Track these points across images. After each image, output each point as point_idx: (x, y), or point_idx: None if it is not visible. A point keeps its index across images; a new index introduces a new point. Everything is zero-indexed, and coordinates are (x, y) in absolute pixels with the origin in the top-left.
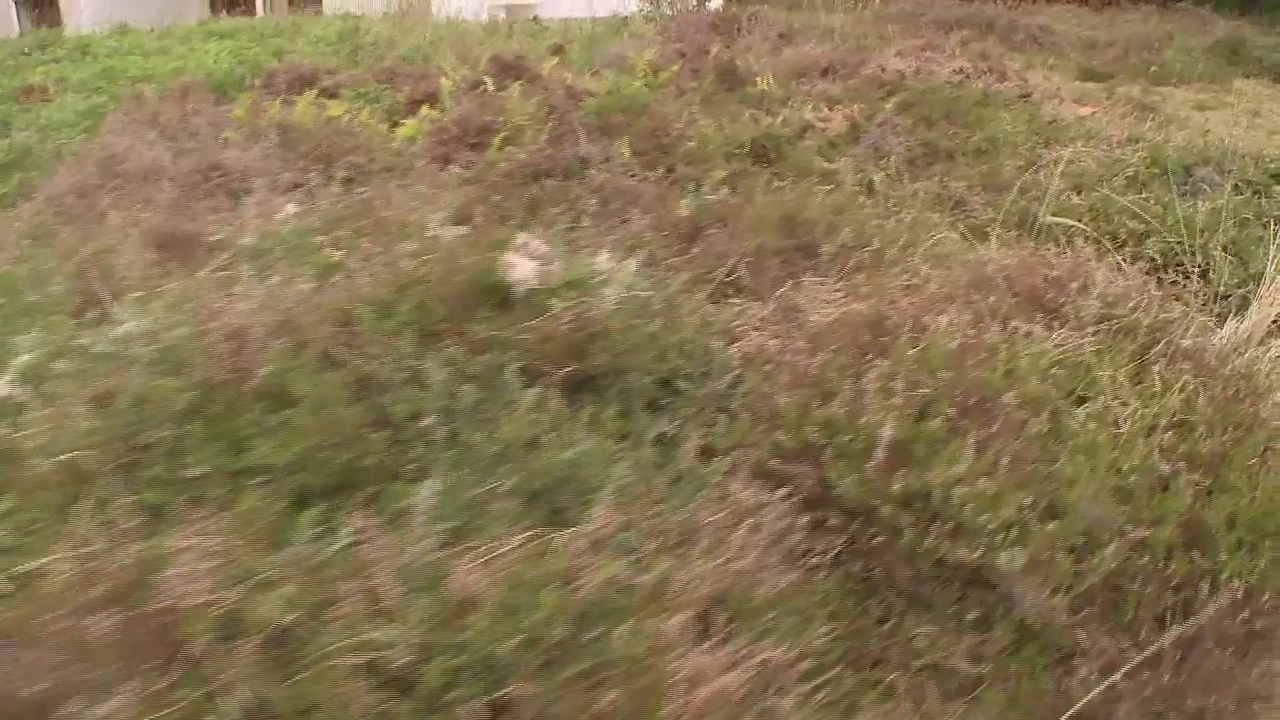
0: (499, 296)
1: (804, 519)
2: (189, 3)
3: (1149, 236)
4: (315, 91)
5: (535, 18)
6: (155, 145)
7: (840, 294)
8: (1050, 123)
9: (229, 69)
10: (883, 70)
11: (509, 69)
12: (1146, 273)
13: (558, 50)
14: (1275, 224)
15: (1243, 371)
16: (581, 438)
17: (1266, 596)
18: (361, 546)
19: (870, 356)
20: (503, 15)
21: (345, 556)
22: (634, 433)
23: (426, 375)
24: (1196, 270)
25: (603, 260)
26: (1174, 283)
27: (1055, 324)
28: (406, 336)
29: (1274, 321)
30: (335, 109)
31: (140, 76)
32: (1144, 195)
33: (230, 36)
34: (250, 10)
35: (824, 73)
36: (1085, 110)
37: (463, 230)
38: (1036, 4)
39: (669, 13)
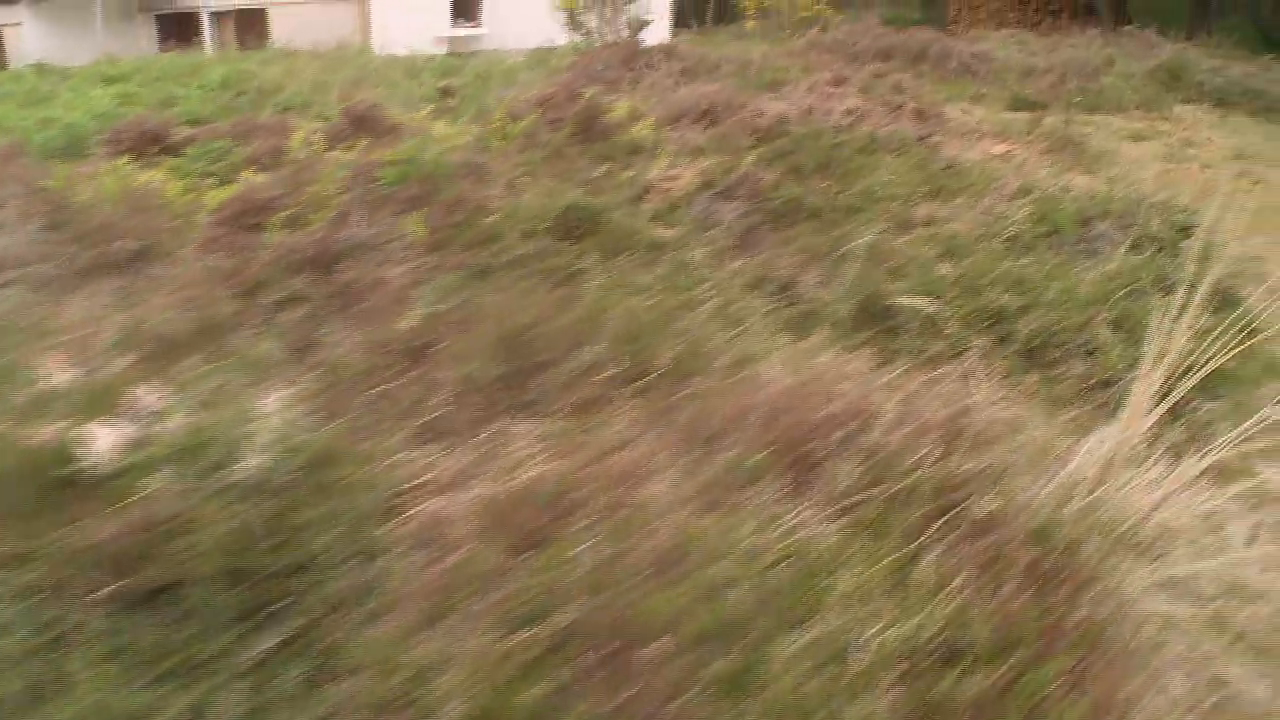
0: (61, 481)
1: None
2: (138, 37)
3: (1026, 312)
4: (132, 157)
5: (453, 53)
6: None
7: (546, 444)
8: (947, 168)
9: (83, 123)
10: (758, 115)
11: (362, 122)
12: (1024, 353)
13: (446, 93)
14: (1181, 290)
15: (1072, 536)
16: (114, 682)
17: None
18: None
19: (527, 554)
20: (445, 48)
21: None
22: (216, 658)
23: None
24: (1080, 352)
25: (271, 402)
26: (1052, 365)
27: (809, 490)
28: None
29: (1151, 430)
30: (152, 176)
31: (3, 129)
32: (1026, 260)
33: (124, 80)
34: (198, 44)
35: (702, 116)
36: (1000, 148)
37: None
38: (983, 29)
39: (598, 44)
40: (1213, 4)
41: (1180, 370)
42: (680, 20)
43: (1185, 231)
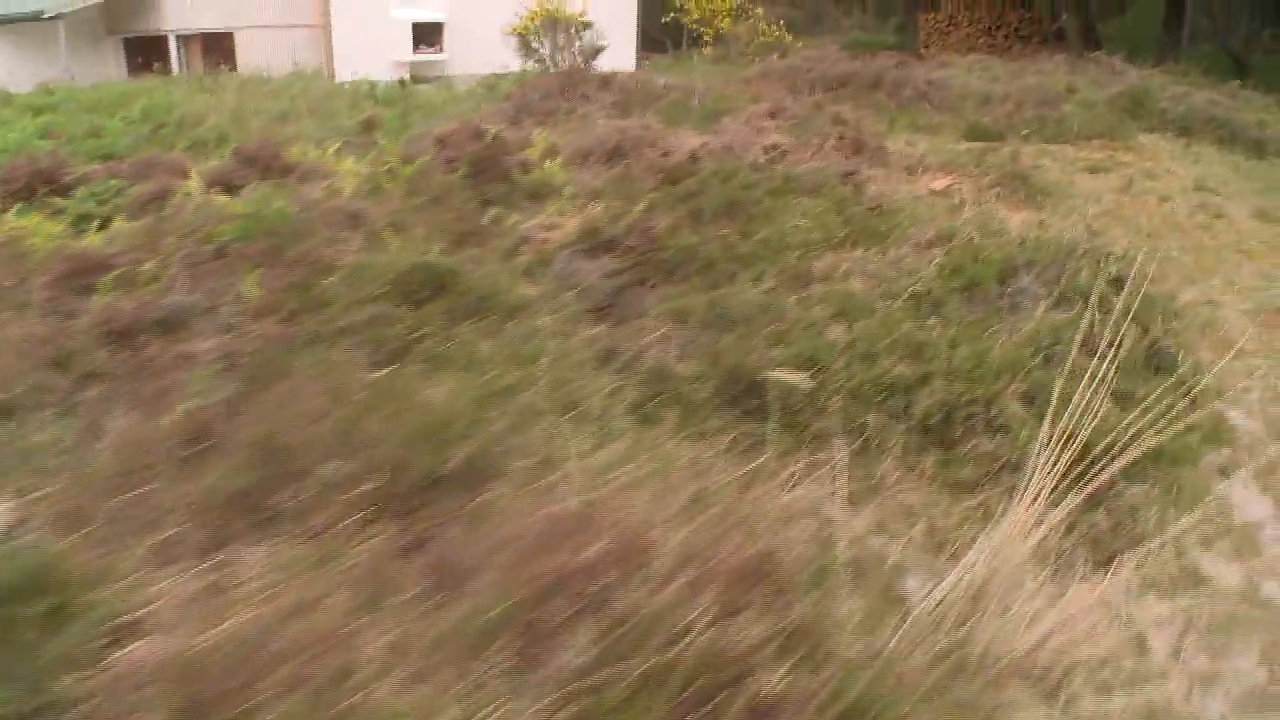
0: None
1: None
2: (106, 61)
3: (925, 383)
4: (16, 198)
5: (404, 80)
6: None
7: (272, 578)
8: (873, 209)
9: None
10: (665, 155)
11: (253, 162)
12: (922, 431)
13: (369, 126)
14: (1109, 354)
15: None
16: None
17: None
18: None
19: None
20: (407, 74)
21: None
22: None
23: None
24: (987, 429)
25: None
26: (954, 444)
27: (542, 663)
28: None
29: (1063, 522)
30: (25, 222)
31: None
32: (932, 321)
33: (53, 109)
34: (166, 69)
35: (612, 154)
36: (941, 184)
37: None
38: (953, 55)
39: (553, 69)
40: (1185, 30)
41: (1103, 448)
42: (656, 45)
43: (1119, 282)
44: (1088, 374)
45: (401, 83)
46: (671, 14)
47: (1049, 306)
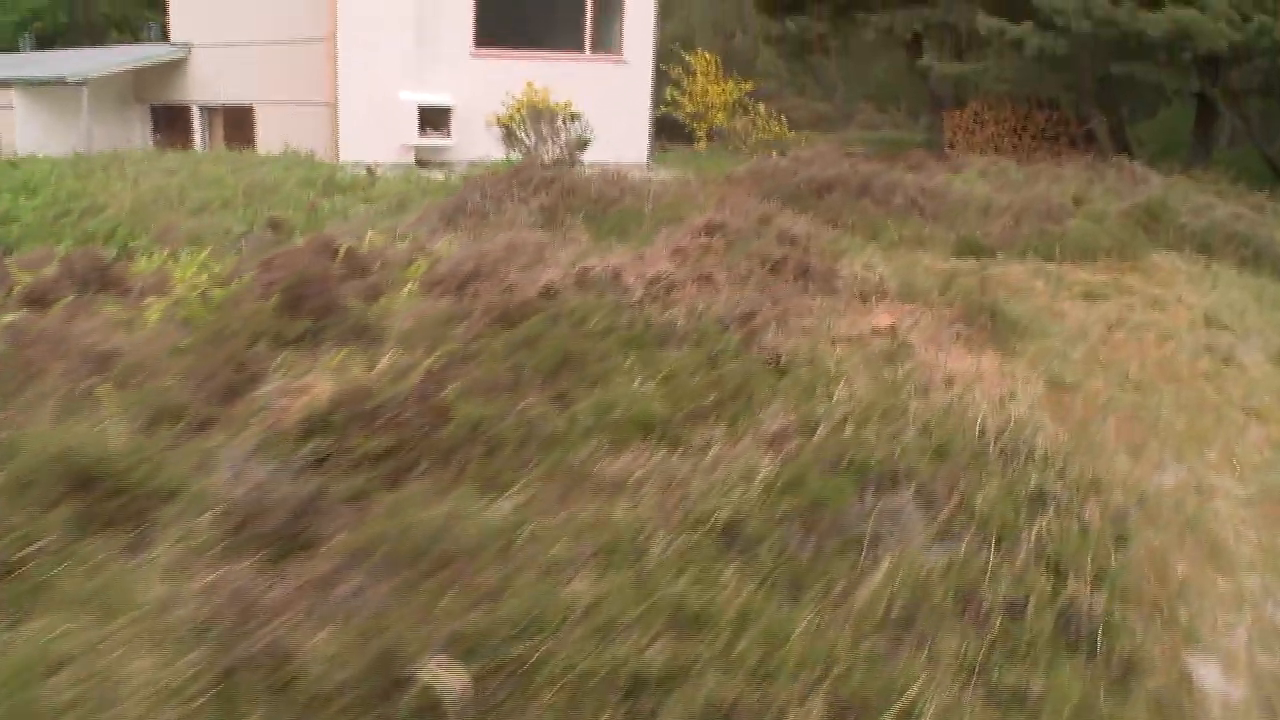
0: None
1: None
2: (133, 129)
3: (691, 676)
4: None
5: (370, 167)
6: None
7: None
8: (770, 363)
9: None
10: (507, 292)
11: (74, 275)
12: None
13: (274, 226)
14: (999, 622)
15: None
16: None
17: None
18: None
19: None
20: (411, 158)
21: None
22: None
23: None
24: None
25: None
26: None
27: None
28: None
29: None
30: None
31: None
32: (734, 568)
33: None
34: (189, 141)
35: (463, 282)
36: (885, 321)
37: None
38: (972, 155)
39: (537, 159)
40: (1219, 134)
41: None
42: (687, 137)
43: (1041, 503)
44: (957, 660)
45: (369, 170)
46: (664, 107)
47: (928, 540)
